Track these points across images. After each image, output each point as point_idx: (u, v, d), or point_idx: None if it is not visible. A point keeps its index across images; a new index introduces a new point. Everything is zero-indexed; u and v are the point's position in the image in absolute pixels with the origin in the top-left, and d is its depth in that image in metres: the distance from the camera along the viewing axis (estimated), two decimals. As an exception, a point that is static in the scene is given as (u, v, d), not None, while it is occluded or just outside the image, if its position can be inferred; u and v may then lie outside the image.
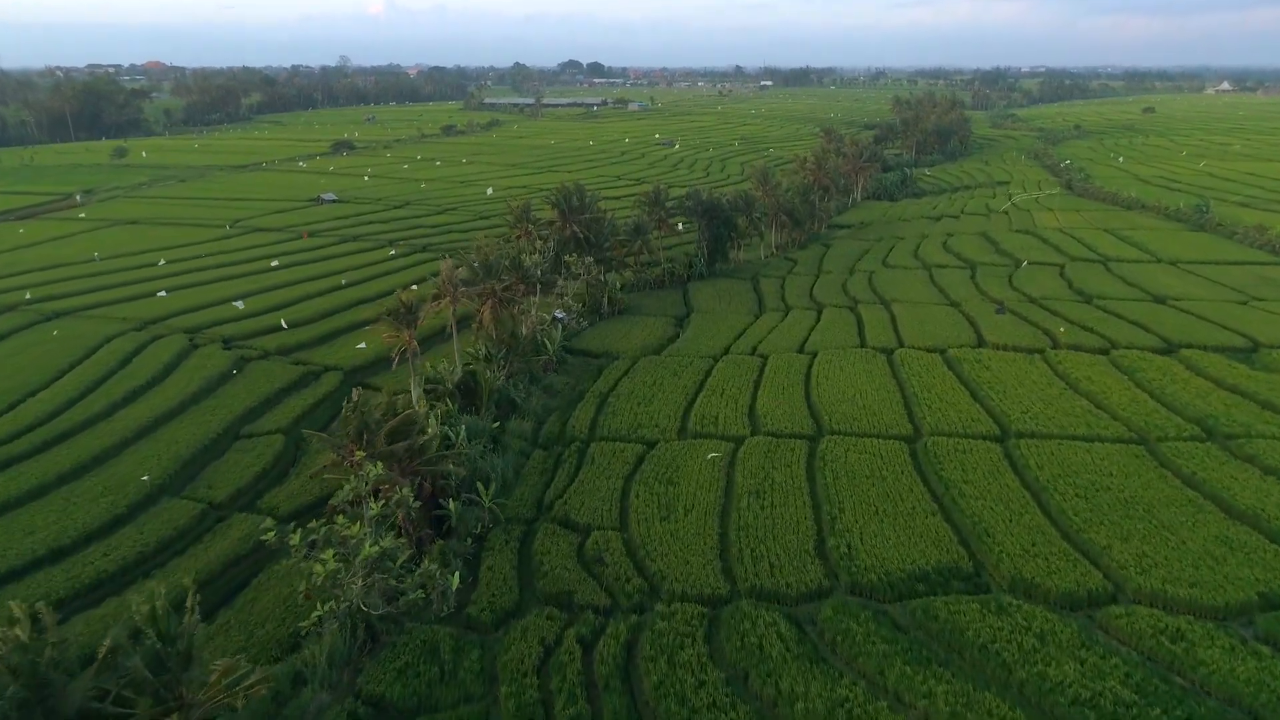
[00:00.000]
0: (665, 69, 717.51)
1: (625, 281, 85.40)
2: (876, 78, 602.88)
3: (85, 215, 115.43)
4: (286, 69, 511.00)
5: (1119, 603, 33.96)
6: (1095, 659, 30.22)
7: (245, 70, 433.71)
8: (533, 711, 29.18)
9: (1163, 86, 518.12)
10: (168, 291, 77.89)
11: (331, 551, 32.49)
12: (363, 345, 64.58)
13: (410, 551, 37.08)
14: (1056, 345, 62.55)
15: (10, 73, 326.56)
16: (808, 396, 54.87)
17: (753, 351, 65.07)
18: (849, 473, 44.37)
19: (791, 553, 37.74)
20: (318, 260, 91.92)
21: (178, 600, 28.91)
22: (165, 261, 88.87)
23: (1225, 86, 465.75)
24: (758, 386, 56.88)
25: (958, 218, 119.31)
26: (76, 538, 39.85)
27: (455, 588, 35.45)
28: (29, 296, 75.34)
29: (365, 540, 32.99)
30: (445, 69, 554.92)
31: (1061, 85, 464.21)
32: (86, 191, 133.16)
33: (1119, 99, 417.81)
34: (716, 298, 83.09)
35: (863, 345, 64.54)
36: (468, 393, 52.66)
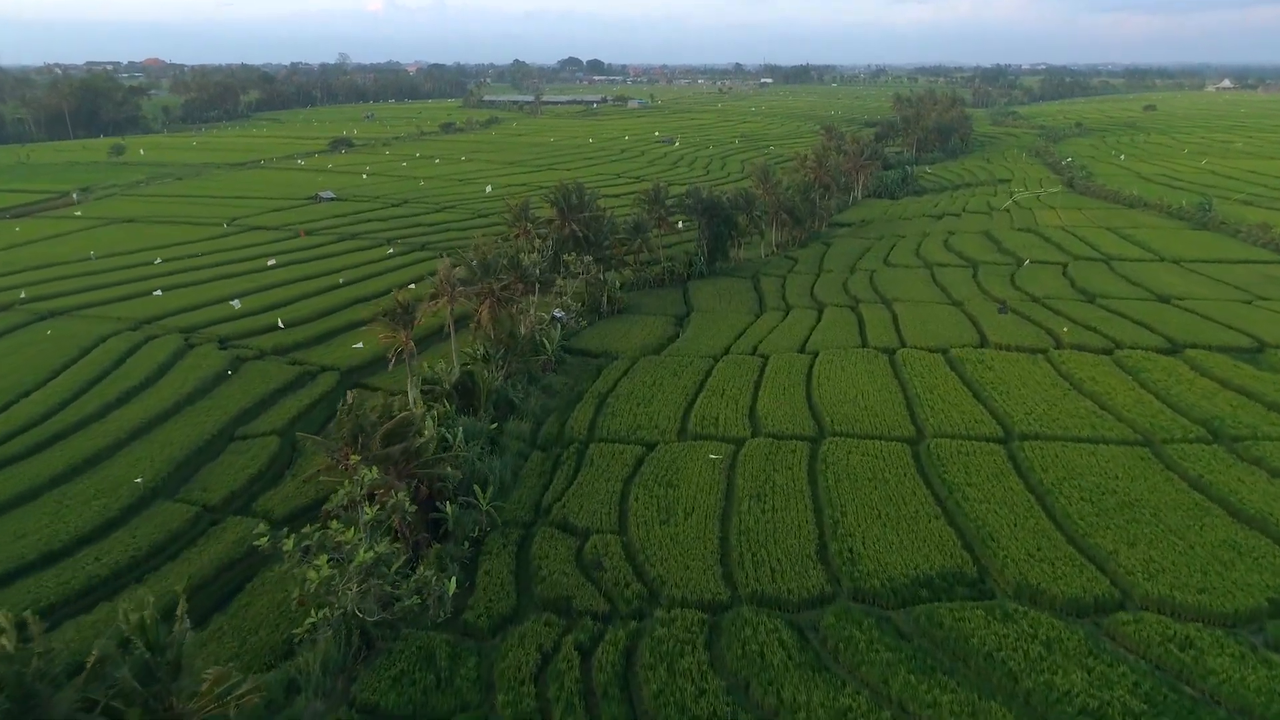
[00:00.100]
0: (665, 66, 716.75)
1: (625, 280, 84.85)
2: (877, 75, 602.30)
3: (81, 213, 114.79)
4: (285, 66, 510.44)
5: (1126, 609, 33.41)
6: (1103, 667, 29.68)
7: (244, 67, 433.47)
8: (530, 721, 28.67)
9: (1163, 84, 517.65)
10: (163, 291, 77.32)
11: (325, 557, 31.98)
12: (360, 345, 64.01)
13: (406, 556, 36.60)
14: (1060, 345, 61.99)
15: (9, 70, 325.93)
16: (809, 397, 54.32)
17: (753, 351, 64.50)
18: (851, 475, 43.82)
19: (793, 557, 37.20)
20: (315, 259, 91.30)
21: (169, 607, 28.45)
22: (161, 260, 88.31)
23: (1226, 84, 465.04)
24: (758, 387, 56.32)
25: (959, 216, 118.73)
26: (68, 541, 39.33)
27: (452, 593, 34.90)
28: (24, 296, 74.76)
29: (360, 546, 32.47)
30: (445, 66, 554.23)
31: (1062, 83, 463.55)
32: (83, 189, 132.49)
33: (1120, 96, 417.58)
34: (717, 297, 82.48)
35: (864, 345, 63.95)
36: (465, 393, 52.12)
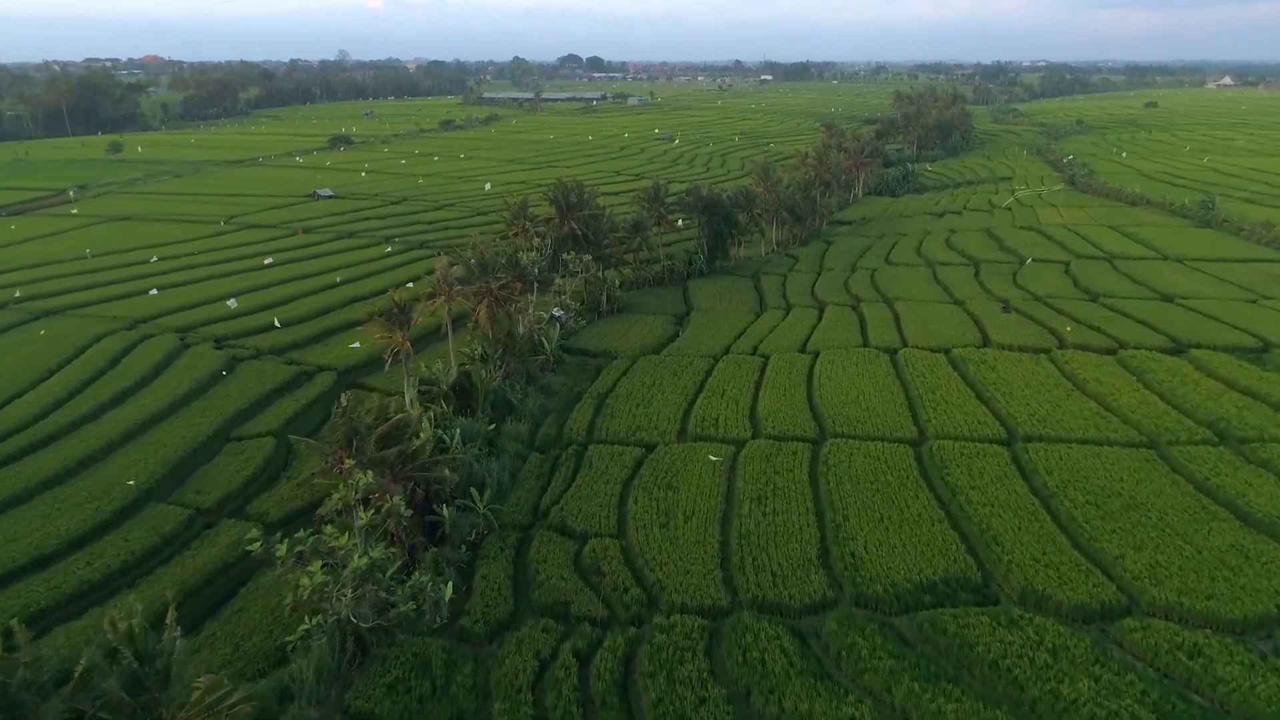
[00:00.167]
0: (665, 63, 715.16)
1: (624, 279, 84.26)
2: (877, 72, 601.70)
3: (78, 211, 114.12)
4: (285, 63, 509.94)
5: (1133, 615, 32.84)
6: (1110, 676, 29.13)
7: (243, 64, 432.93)
8: (527, 730, 28.17)
9: (1163, 81, 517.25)
10: (159, 289, 76.74)
11: (319, 563, 31.45)
12: (356, 345, 63.40)
13: (402, 560, 36.08)
14: (1063, 345, 61.44)
15: (7, 67, 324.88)
16: (810, 398, 53.76)
17: (754, 351, 63.94)
18: (853, 477, 43.27)
19: (794, 562, 36.67)
20: (313, 257, 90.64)
21: (160, 614, 27.91)
22: (157, 259, 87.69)
23: (1227, 81, 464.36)
24: (759, 387, 55.76)
25: (960, 214, 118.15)
26: (59, 545, 38.69)
27: (448, 598, 34.35)
28: (18, 295, 74.17)
29: (354, 551, 31.94)
30: (444, 63, 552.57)
31: (1062, 80, 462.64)
32: (80, 187, 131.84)
33: (1120, 93, 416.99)
34: (717, 296, 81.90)
35: (866, 345, 63.35)
36: (463, 394, 51.58)
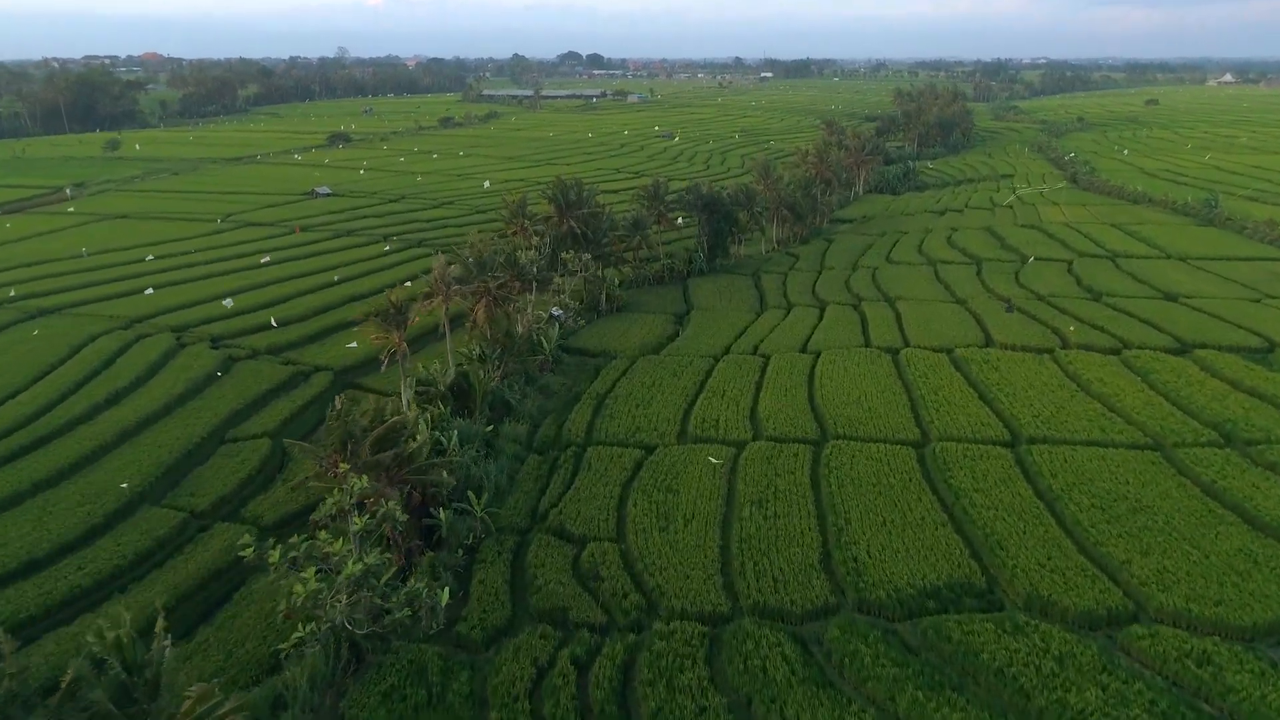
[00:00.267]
0: (665, 60, 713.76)
1: (624, 278, 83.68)
2: (877, 69, 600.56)
3: (75, 209, 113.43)
4: (284, 60, 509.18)
5: (1140, 622, 32.32)
6: (1118, 684, 28.60)
7: (242, 61, 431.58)
8: (524, 740, 27.68)
9: (1164, 78, 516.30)
10: (155, 288, 76.15)
11: (313, 569, 30.90)
12: (354, 345, 62.82)
13: (398, 565, 35.57)
14: (1066, 345, 60.87)
15: (6, 64, 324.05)
16: (811, 399, 53.22)
17: (754, 351, 63.38)
18: (855, 480, 42.73)
19: (796, 566, 36.14)
20: (310, 256, 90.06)
21: (150, 621, 27.39)
22: (154, 257, 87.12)
23: (1228, 78, 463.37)
24: (759, 388, 55.22)
25: (962, 212, 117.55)
26: (51, 550, 38.16)
27: (445, 603, 33.82)
28: (13, 294, 73.58)
29: (349, 557, 31.40)
30: (444, 60, 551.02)
31: (1063, 77, 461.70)
32: (77, 185, 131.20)
33: (1121, 91, 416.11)
34: (717, 294, 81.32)
35: (867, 345, 62.78)
36: (461, 395, 50.99)
